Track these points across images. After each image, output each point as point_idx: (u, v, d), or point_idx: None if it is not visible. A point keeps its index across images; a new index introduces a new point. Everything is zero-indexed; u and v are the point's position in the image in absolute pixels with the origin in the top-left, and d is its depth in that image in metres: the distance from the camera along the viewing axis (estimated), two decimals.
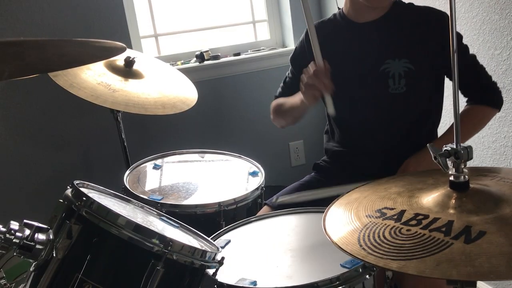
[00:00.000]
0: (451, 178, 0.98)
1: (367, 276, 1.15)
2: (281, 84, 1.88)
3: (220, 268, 1.16)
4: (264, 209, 1.67)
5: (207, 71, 2.76)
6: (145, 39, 2.77)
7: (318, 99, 1.51)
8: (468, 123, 1.57)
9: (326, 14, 2.87)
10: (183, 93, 2.10)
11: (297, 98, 1.63)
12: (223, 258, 1.16)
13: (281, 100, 1.82)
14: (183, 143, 2.28)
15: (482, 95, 1.59)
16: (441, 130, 1.70)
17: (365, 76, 1.61)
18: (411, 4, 1.63)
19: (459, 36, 1.60)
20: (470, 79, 1.56)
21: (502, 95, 1.61)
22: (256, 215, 1.58)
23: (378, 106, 1.62)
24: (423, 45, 1.55)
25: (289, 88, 1.81)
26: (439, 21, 1.54)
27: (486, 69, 1.60)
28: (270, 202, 1.67)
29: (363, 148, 1.69)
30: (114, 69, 2.02)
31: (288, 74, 1.86)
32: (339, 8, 1.73)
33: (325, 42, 1.51)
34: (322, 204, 1.42)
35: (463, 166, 0.97)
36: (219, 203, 1.61)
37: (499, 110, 1.62)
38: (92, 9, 2.48)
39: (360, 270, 1.14)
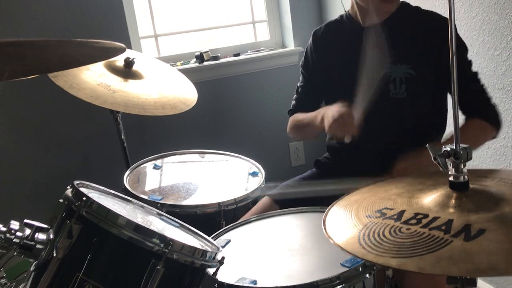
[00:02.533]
0: (451, 178, 0.98)
1: (367, 275, 1.15)
2: (294, 96, 1.84)
3: (221, 267, 1.16)
4: (265, 200, 1.67)
5: (207, 72, 2.76)
6: (145, 39, 2.77)
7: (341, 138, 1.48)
8: (467, 136, 1.53)
9: (326, 17, 2.87)
10: (183, 93, 2.10)
11: (315, 117, 1.60)
12: (223, 258, 1.16)
13: (299, 116, 1.78)
14: (183, 143, 2.28)
15: (483, 112, 1.54)
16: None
17: (366, 78, 1.61)
18: (417, 8, 1.62)
19: (466, 48, 1.56)
20: (472, 96, 1.53)
21: (498, 110, 1.57)
22: (256, 206, 1.57)
23: (378, 108, 1.61)
24: (427, 50, 1.55)
25: (304, 98, 1.80)
26: (442, 28, 1.50)
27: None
28: (271, 194, 1.68)
29: (363, 150, 1.69)
30: (113, 69, 2.01)
31: (300, 83, 1.82)
32: (345, 10, 1.74)
33: (329, 43, 1.50)
34: (322, 204, 1.42)
35: (462, 167, 0.97)
36: (219, 203, 1.61)
37: (496, 132, 1.56)
38: (92, 9, 2.48)
39: (360, 269, 1.14)
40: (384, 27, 1.60)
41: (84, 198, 1.05)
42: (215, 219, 1.61)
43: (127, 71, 2.04)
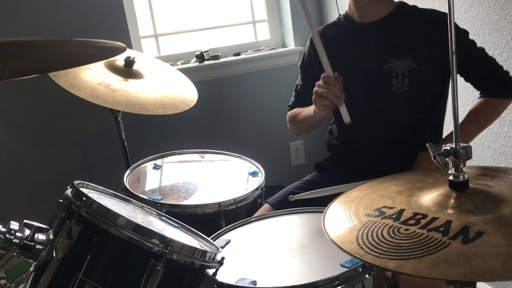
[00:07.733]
0: (451, 177, 0.98)
1: (367, 276, 1.15)
2: (293, 93, 1.88)
3: (220, 268, 1.16)
4: (265, 207, 1.68)
5: (207, 71, 2.76)
6: (145, 39, 2.77)
7: (330, 109, 1.51)
8: (480, 117, 1.60)
9: (326, 18, 2.87)
10: (183, 93, 2.10)
11: (311, 108, 1.64)
12: (223, 258, 1.16)
13: (296, 110, 1.83)
14: (183, 143, 2.28)
15: (494, 85, 1.60)
16: (446, 128, 1.70)
17: (368, 75, 1.62)
18: (415, 7, 1.64)
19: (466, 32, 1.60)
20: (481, 71, 1.58)
21: None
22: (256, 213, 1.57)
23: (380, 105, 1.62)
24: (427, 45, 1.56)
25: (302, 96, 1.81)
26: (442, 22, 1.52)
27: None
28: (271, 201, 1.68)
29: (365, 147, 1.69)
30: (114, 69, 2.02)
31: (299, 82, 1.86)
32: (339, 14, 1.74)
33: (329, 43, 1.50)
34: (322, 204, 1.42)
35: (462, 166, 0.97)
36: (219, 203, 1.62)
37: None
38: (92, 9, 2.48)
39: (360, 269, 1.14)
40: (383, 23, 1.61)
41: (84, 198, 1.05)
42: (215, 219, 1.61)
43: (128, 71, 2.04)
